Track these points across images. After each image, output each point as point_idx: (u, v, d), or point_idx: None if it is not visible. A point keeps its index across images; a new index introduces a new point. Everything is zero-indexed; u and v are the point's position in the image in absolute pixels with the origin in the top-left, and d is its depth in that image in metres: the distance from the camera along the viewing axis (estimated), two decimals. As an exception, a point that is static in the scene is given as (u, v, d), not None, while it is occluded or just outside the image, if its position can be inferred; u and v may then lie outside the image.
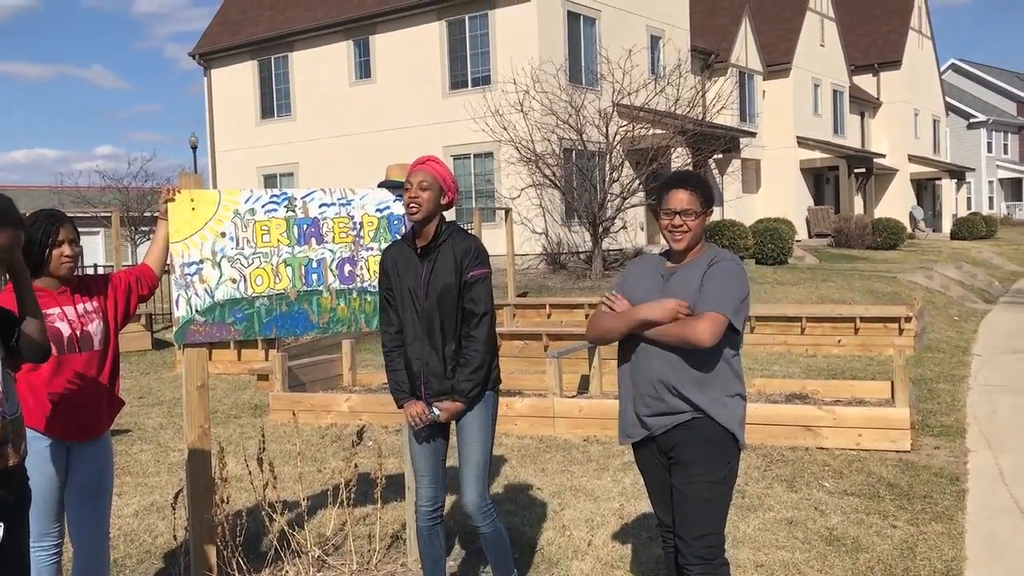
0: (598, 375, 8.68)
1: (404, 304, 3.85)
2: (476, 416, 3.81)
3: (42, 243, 3.42)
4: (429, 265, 3.80)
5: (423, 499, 3.93)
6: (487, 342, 3.76)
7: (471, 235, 3.90)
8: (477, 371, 3.74)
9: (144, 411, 9.15)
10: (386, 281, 3.92)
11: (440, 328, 3.77)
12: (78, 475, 3.56)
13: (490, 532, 3.85)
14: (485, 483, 3.83)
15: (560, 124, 19.10)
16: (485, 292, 3.77)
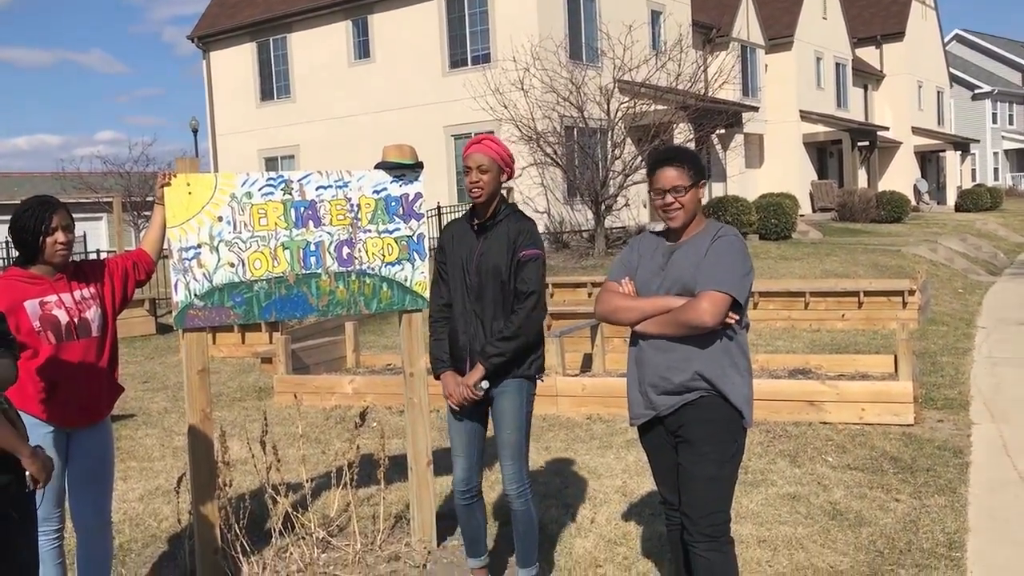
0: (601, 354, 8.68)
1: (455, 278, 3.91)
2: (511, 403, 3.82)
3: (35, 230, 3.41)
4: (483, 242, 3.85)
5: (458, 478, 3.98)
6: (530, 319, 3.76)
7: (527, 217, 3.93)
8: (507, 341, 3.74)
9: (149, 396, 9.18)
10: (441, 255, 4.00)
11: (491, 305, 3.80)
12: (79, 461, 3.57)
13: (521, 511, 3.89)
14: (522, 464, 3.87)
15: (561, 101, 19.01)
16: (535, 273, 3.78)
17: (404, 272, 4.59)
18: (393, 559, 4.48)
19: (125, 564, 4.63)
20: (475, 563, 4.09)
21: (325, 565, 4.44)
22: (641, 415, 3.40)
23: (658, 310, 3.26)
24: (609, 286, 3.44)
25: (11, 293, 3.39)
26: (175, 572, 4.50)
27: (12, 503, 2.74)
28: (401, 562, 4.45)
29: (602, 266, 16.91)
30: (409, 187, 4.60)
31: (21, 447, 2.71)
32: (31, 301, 3.42)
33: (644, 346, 3.33)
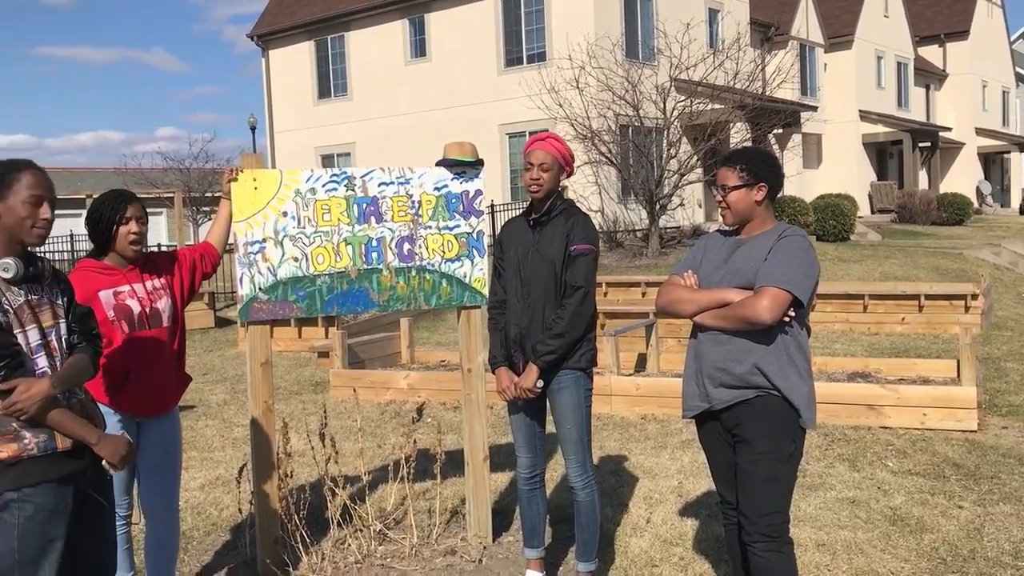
0: (655, 353, 8.64)
1: (511, 273, 3.96)
2: (568, 399, 3.84)
3: (110, 219, 3.50)
4: (538, 236, 3.89)
5: (521, 466, 4.06)
6: (578, 315, 3.77)
7: (584, 215, 3.94)
8: (558, 338, 3.76)
9: (208, 387, 9.36)
10: (499, 251, 4.06)
11: (540, 297, 3.83)
12: (148, 449, 3.66)
13: (586, 502, 3.91)
14: (585, 457, 3.89)
15: (616, 100, 18.93)
16: (585, 268, 3.79)
17: (463, 268, 4.62)
18: (449, 553, 4.52)
19: (187, 551, 4.73)
20: (532, 554, 4.11)
21: (382, 557, 4.49)
22: (695, 407, 3.39)
23: (715, 303, 3.26)
24: (672, 279, 3.47)
25: (86, 284, 3.48)
26: (236, 560, 4.58)
27: (92, 486, 2.82)
28: (457, 556, 4.48)
29: (656, 266, 16.82)
30: (469, 184, 4.63)
31: (89, 435, 2.78)
32: (105, 291, 3.51)
33: (703, 338, 3.34)
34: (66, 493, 2.72)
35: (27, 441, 2.63)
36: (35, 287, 2.74)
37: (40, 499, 2.65)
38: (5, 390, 2.56)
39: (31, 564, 2.64)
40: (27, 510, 2.63)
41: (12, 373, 2.57)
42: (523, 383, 3.83)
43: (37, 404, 2.60)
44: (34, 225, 2.72)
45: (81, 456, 2.76)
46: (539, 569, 4.10)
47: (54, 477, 2.68)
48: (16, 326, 2.64)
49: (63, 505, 2.70)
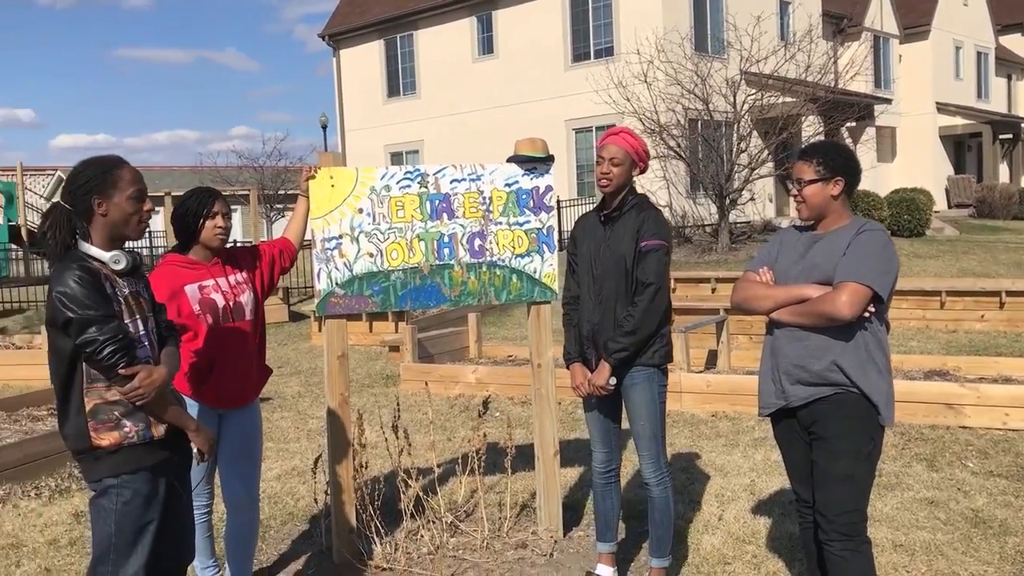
0: (726, 350, 8.56)
1: (584, 269, 3.97)
2: (641, 395, 3.85)
3: (197, 213, 3.62)
4: (609, 232, 3.89)
5: (597, 460, 4.09)
6: (649, 312, 3.75)
7: (654, 207, 3.94)
8: (628, 335, 3.76)
9: (283, 380, 9.56)
10: (572, 247, 4.08)
11: (612, 294, 3.84)
12: (229, 440, 3.76)
13: (659, 498, 3.92)
14: (658, 453, 3.90)
15: (685, 94, 18.76)
16: (656, 264, 3.78)
17: (533, 264, 4.65)
18: (520, 546, 4.55)
19: (265, 540, 4.85)
20: (604, 548, 4.12)
21: (454, 549, 4.55)
22: (771, 404, 3.36)
23: (792, 299, 3.23)
24: (747, 275, 3.44)
25: (172, 278, 3.60)
26: (312, 549, 4.69)
27: (177, 476, 2.92)
28: (528, 550, 4.52)
29: (726, 261, 16.63)
30: (540, 180, 4.65)
31: (189, 423, 2.91)
32: (191, 285, 3.62)
33: (779, 335, 3.30)
34: (159, 480, 2.83)
35: (127, 429, 2.74)
36: (133, 280, 2.85)
37: (137, 485, 2.76)
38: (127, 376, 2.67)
39: (126, 547, 2.75)
40: (125, 496, 2.74)
41: (133, 361, 2.68)
42: (595, 380, 3.85)
43: (157, 390, 2.72)
44: (140, 220, 2.84)
45: (172, 445, 2.86)
46: (611, 563, 4.11)
47: (150, 464, 2.80)
48: (127, 315, 2.76)
49: (157, 491, 2.81)
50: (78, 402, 2.72)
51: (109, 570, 2.75)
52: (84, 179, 2.76)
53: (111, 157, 2.85)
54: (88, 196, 2.75)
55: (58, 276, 2.65)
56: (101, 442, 2.72)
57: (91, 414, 2.71)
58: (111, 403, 2.72)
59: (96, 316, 2.62)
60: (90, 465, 2.76)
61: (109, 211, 2.78)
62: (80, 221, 2.76)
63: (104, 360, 2.63)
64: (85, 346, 2.63)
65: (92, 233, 2.78)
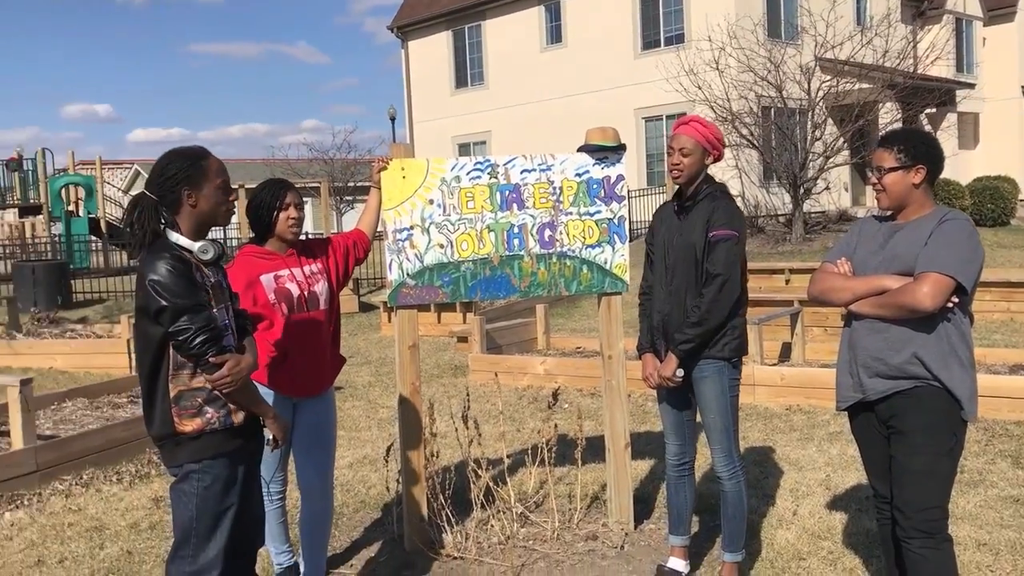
0: (800, 343, 8.40)
1: (659, 258, 3.94)
2: (711, 389, 3.80)
3: (271, 205, 3.68)
4: (683, 222, 3.84)
5: (669, 453, 4.05)
6: (716, 303, 3.69)
7: (727, 197, 3.86)
8: (694, 327, 3.71)
9: (354, 370, 9.68)
10: (650, 236, 4.05)
11: (682, 285, 3.80)
12: (303, 428, 3.81)
13: (731, 492, 3.87)
14: (730, 446, 3.84)
15: (758, 81, 18.42)
16: (725, 255, 3.70)
17: (604, 255, 4.61)
18: (590, 538, 4.53)
19: (338, 527, 4.92)
20: (676, 541, 4.08)
21: (524, 539, 4.55)
22: (848, 398, 3.28)
23: (872, 290, 3.14)
24: (824, 267, 3.36)
25: (248, 268, 3.66)
26: (383, 536, 4.73)
27: (251, 463, 2.98)
28: (599, 541, 4.49)
29: (800, 252, 16.33)
30: (611, 169, 4.61)
31: (267, 409, 2.97)
32: (266, 275, 3.68)
33: (858, 327, 3.22)
34: (238, 466, 2.88)
35: (209, 415, 2.79)
36: (214, 270, 2.90)
37: (217, 470, 2.82)
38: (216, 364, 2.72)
39: (207, 532, 2.81)
40: (205, 481, 2.80)
41: (222, 349, 2.74)
42: (662, 372, 3.82)
43: (243, 379, 2.78)
44: (227, 209, 2.90)
45: (249, 432, 2.92)
46: (683, 557, 4.06)
47: (229, 450, 2.85)
48: (214, 304, 2.82)
49: (235, 477, 2.87)
50: (163, 388, 2.78)
51: (190, 554, 2.81)
52: (173, 171, 2.80)
53: (197, 148, 2.90)
54: (178, 187, 2.80)
55: (150, 264, 2.70)
56: (184, 428, 2.78)
57: (175, 400, 2.77)
58: (194, 390, 2.77)
59: (188, 305, 2.68)
60: (172, 450, 2.83)
61: (198, 202, 2.83)
62: (167, 212, 2.81)
63: (195, 349, 2.68)
64: (177, 334, 2.68)
65: (179, 223, 2.83)
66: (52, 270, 15.56)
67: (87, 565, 4.47)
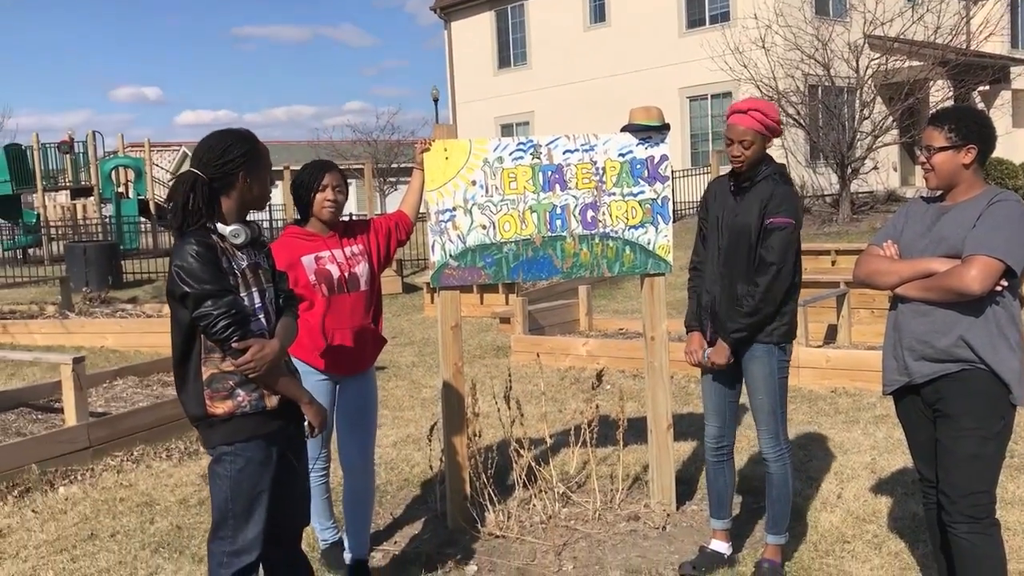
0: (846, 325, 8.29)
1: (711, 237, 3.90)
2: (759, 368, 3.78)
3: (309, 186, 3.72)
4: (739, 203, 3.79)
5: (709, 436, 4.02)
6: (769, 291, 3.66)
7: (789, 183, 3.81)
8: (746, 317, 3.70)
9: (397, 350, 9.76)
10: (702, 211, 4.01)
11: (736, 269, 3.77)
12: (345, 407, 3.87)
13: (776, 474, 3.85)
14: (777, 429, 3.82)
15: (805, 59, 18.14)
16: (780, 243, 3.66)
17: (647, 235, 4.58)
18: (632, 519, 4.54)
19: (381, 504, 4.98)
20: (718, 524, 4.07)
21: (566, 519, 4.57)
22: (894, 382, 3.24)
23: (918, 273, 3.09)
24: (870, 250, 3.31)
25: (289, 249, 3.71)
26: (427, 514, 4.79)
27: (289, 445, 3.00)
28: (640, 522, 4.50)
29: (847, 233, 16.10)
30: (655, 149, 4.57)
31: (302, 395, 2.96)
32: (307, 256, 3.72)
33: (904, 310, 3.17)
34: (272, 449, 2.89)
35: (241, 399, 2.80)
36: (251, 251, 2.91)
37: (250, 453, 2.83)
38: (240, 349, 2.74)
39: (244, 513, 2.84)
40: (239, 463, 2.82)
41: (246, 334, 2.75)
42: (715, 359, 3.81)
43: (268, 364, 2.77)
44: (269, 196, 2.95)
45: (286, 415, 2.93)
46: (725, 539, 4.05)
47: (263, 433, 2.86)
48: (243, 288, 2.83)
49: (270, 459, 2.88)
50: (195, 370, 2.81)
51: (229, 535, 2.85)
52: (235, 153, 2.80)
53: (248, 132, 2.91)
54: (237, 170, 2.82)
55: (178, 250, 2.74)
56: (216, 410, 2.79)
57: (207, 383, 2.79)
58: (226, 373, 2.78)
59: (211, 291, 2.69)
60: (206, 432, 2.86)
61: (253, 186, 2.86)
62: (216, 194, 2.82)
63: (218, 333, 2.70)
64: (200, 319, 2.71)
65: (222, 205, 2.84)
66: (103, 251, 15.88)
67: (138, 539, 4.58)
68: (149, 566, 4.26)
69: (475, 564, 4.13)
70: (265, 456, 2.87)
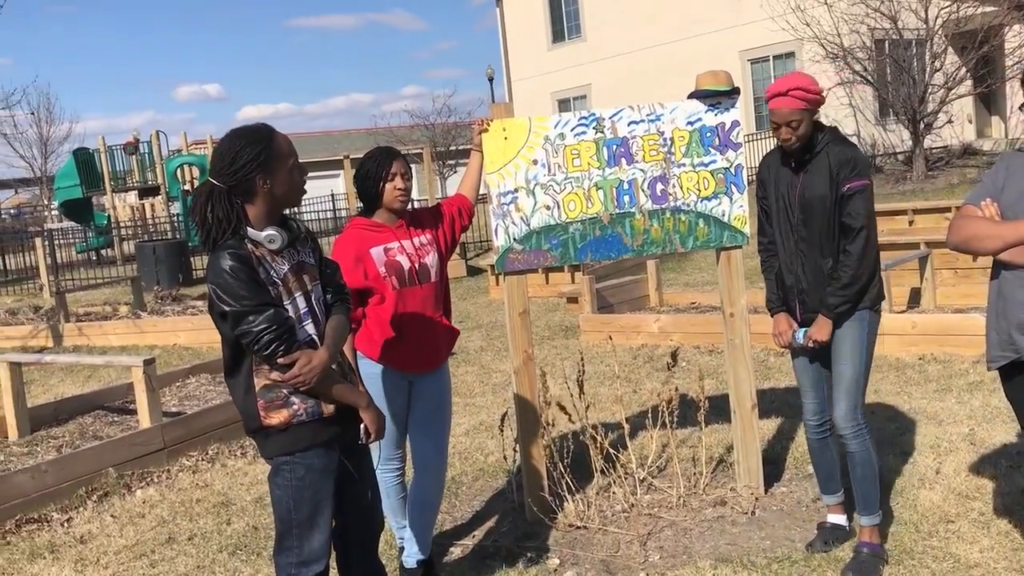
0: (931, 287, 7.91)
1: (779, 216, 3.73)
2: (849, 334, 3.60)
3: (377, 176, 3.56)
4: (803, 177, 3.63)
5: (808, 412, 3.85)
6: (863, 258, 3.52)
7: (850, 144, 3.66)
8: (847, 287, 3.53)
9: (465, 335, 9.65)
10: (761, 190, 3.84)
11: (816, 243, 3.61)
12: (420, 406, 3.72)
13: (858, 452, 3.64)
14: (857, 400, 3.62)
15: (870, 13, 17.47)
16: (863, 205, 3.53)
17: (721, 207, 4.36)
18: (719, 504, 4.34)
19: (458, 496, 4.87)
20: (831, 499, 3.91)
21: (649, 506, 4.40)
22: (999, 357, 2.97)
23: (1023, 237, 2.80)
24: (966, 210, 3.01)
25: (358, 242, 3.57)
26: (504, 506, 4.66)
27: (351, 451, 2.87)
28: (728, 507, 4.30)
29: (922, 191, 15.50)
30: (725, 115, 4.33)
31: (360, 399, 2.82)
32: (376, 248, 3.57)
33: (1008, 277, 2.90)
34: (332, 455, 2.78)
35: (296, 407, 2.68)
36: (294, 252, 2.76)
37: (309, 461, 2.72)
38: (286, 364, 2.61)
39: (308, 522, 2.74)
40: (299, 472, 2.72)
41: (291, 348, 2.62)
42: (817, 336, 3.61)
43: (318, 375, 2.65)
44: (302, 189, 2.77)
45: (342, 420, 2.79)
46: (841, 512, 3.89)
47: (321, 441, 2.74)
48: (285, 296, 2.68)
49: (330, 467, 2.77)
50: (248, 382, 2.69)
51: (295, 545, 2.75)
52: (246, 158, 2.63)
53: (263, 128, 2.72)
54: (252, 175, 2.64)
55: (212, 267, 2.60)
56: (271, 421, 2.68)
57: (260, 393, 2.68)
58: (280, 382, 2.67)
59: (250, 307, 2.56)
60: (263, 443, 2.76)
61: (273, 187, 2.68)
62: (240, 200, 2.66)
63: (262, 350, 2.58)
64: (242, 337, 2.59)
65: (251, 210, 2.68)
66: (172, 249, 16.11)
67: (215, 541, 4.55)
68: (227, 569, 4.21)
69: (557, 557, 3.99)
70: (326, 463, 2.76)
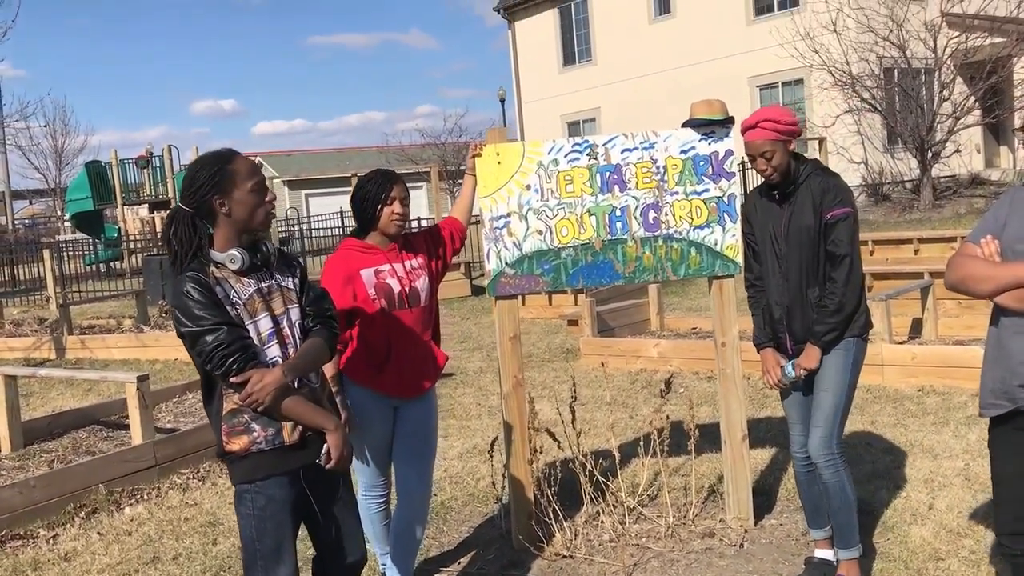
0: (932, 318, 7.87)
1: (766, 250, 3.74)
2: (833, 362, 3.60)
3: (375, 199, 3.55)
4: (788, 209, 3.65)
5: (796, 445, 3.82)
6: (847, 285, 3.52)
7: (831, 173, 3.69)
8: (834, 315, 3.54)
9: (466, 355, 9.63)
10: (747, 226, 3.86)
11: (802, 273, 3.61)
12: (404, 432, 3.68)
13: (831, 482, 3.62)
14: (833, 430, 3.60)
15: (879, 42, 17.51)
16: (847, 232, 3.53)
17: (714, 235, 4.34)
18: (707, 535, 4.30)
19: (447, 521, 4.83)
20: (819, 534, 3.88)
21: (637, 536, 4.36)
22: (992, 406, 2.77)
23: (1019, 281, 2.60)
24: (965, 248, 2.78)
25: (348, 263, 3.55)
26: (492, 532, 4.62)
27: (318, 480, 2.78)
28: (716, 539, 4.26)
29: (929, 220, 15.45)
30: (719, 144, 4.33)
31: (325, 421, 2.73)
32: (367, 270, 3.55)
33: (1007, 324, 2.68)
34: (298, 485, 2.73)
35: (256, 434, 2.65)
36: (264, 274, 2.74)
37: (271, 491, 2.68)
38: (240, 383, 2.59)
39: (272, 553, 2.70)
40: (259, 502, 2.68)
41: (245, 366, 2.59)
42: (805, 365, 3.61)
43: (271, 394, 2.59)
44: (265, 212, 2.73)
45: (308, 449, 2.74)
46: (828, 547, 3.85)
47: (282, 471, 2.70)
48: (247, 317, 2.65)
49: (294, 497, 2.73)
50: (217, 406, 2.68)
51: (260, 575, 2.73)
52: (201, 181, 2.65)
53: (223, 152, 2.73)
54: (208, 196, 2.65)
55: (174, 290, 2.62)
56: (232, 447, 2.65)
57: (225, 418, 2.66)
58: (242, 406, 2.64)
59: (206, 327, 2.55)
60: (230, 468, 2.73)
61: (232, 208, 2.67)
62: (203, 224, 2.68)
63: (215, 368, 2.57)
64: (198, 356, 2.59)
65: (216, 233, 2.69)
66: (178, 264, 16.10)
67: (200, 562, 4.52)
68: (210, 590, 4.18)
69: (541, 586, 3.95)
70: (288, 493, 2.71)
